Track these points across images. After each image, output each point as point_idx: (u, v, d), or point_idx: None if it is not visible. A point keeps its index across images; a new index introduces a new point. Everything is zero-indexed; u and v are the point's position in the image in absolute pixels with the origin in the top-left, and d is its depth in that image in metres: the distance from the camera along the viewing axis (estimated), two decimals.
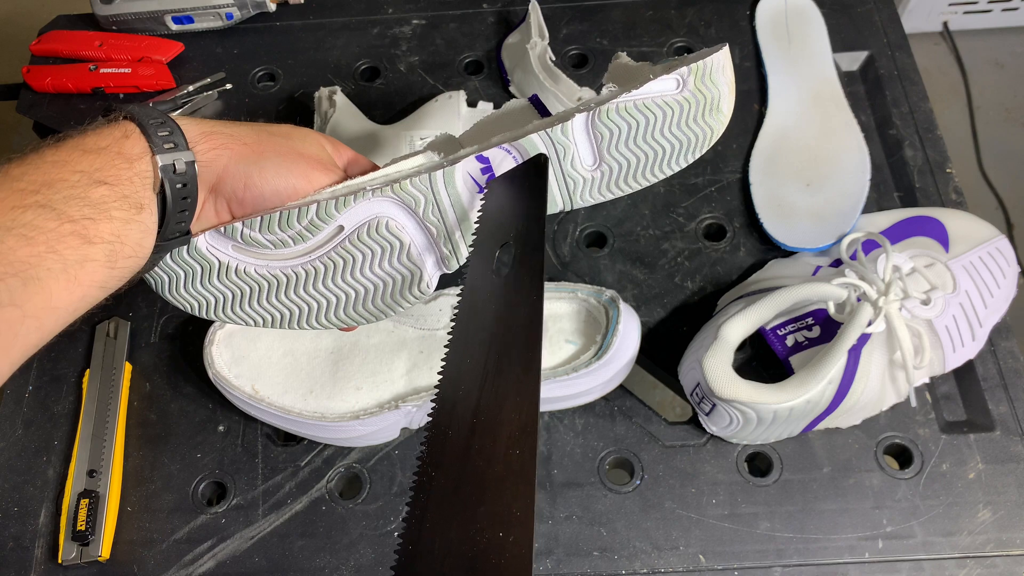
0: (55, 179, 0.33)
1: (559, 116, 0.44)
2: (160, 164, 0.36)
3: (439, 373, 0.36)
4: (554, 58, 0.66)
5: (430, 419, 0.33)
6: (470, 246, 0.42)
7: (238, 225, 0.42)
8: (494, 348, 0.34)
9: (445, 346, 0.36)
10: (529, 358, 0.33)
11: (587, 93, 0.62)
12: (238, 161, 0.40)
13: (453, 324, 0.37)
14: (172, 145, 0.37)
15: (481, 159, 0.43)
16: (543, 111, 0.50)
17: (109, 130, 0.36)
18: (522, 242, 0.38)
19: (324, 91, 0.65)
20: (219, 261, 0.43)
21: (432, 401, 0.34)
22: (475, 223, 0.42)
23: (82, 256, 0.33)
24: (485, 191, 0.43)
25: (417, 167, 0.44)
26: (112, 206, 0.34)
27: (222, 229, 0.42)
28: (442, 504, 0.30)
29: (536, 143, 0.43)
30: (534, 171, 0.41)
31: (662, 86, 0.43)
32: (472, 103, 0.64)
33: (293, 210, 0.42)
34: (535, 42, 0.67)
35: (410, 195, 0.42)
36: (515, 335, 0.34)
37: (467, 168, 0.43)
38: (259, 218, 0.42)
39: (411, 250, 0.43)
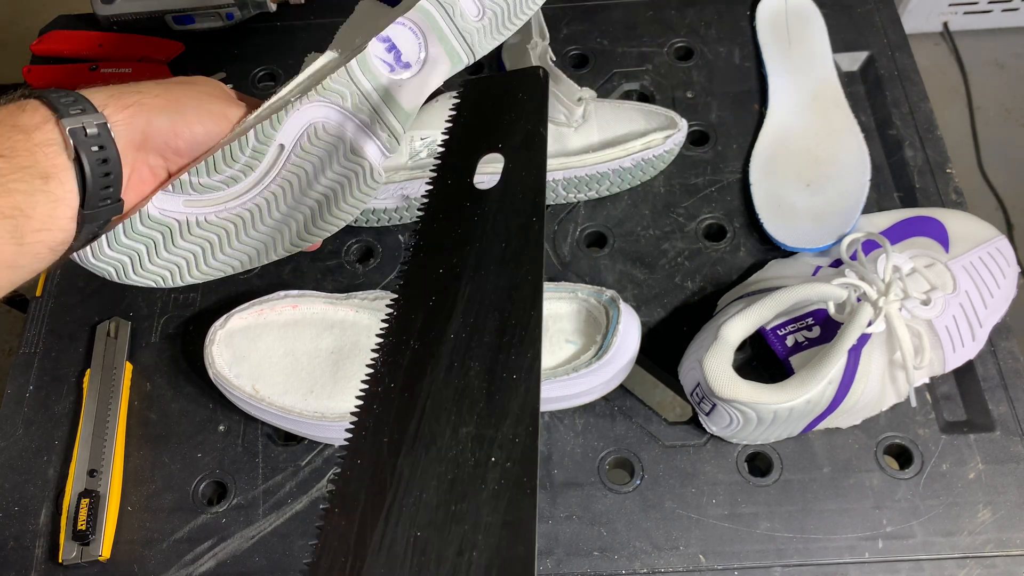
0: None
1: None
2: (68, 128, 0.34)
3: (399, 284, 0.32)
4: (554, 58, 0.66)
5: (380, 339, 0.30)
6: (438, 151, 0.38)
7: (185, 177, 0.42)
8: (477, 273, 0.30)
9: (403, 263, 0.33)
10: (531, 268, 0.29)
11: (587, 93, 0.63)
12: (159, 114, 0.39)
13: (414, 240, 0.33)
14: (79, 110, 0.35)
15: (382, 39, 0.45)
16: None
17: (7, 107, 0.35)
18: (516, 154, 0.33)
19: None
20: (176, 221, 0.43)
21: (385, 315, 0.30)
22: (446, 127, 0.38)
23: None
24: (461, 91, 0.41)
25: (327, 66, 0.47)
26: (9, 179, 0.32)
27: (170, 187, 0.42)
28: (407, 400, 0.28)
29: (427, 8, 0.45)
30: (531, 81, 0.37)
31: None
32: None
33: (233, 143, 0.42)
34: (535, 42, 0.67)
35: (334, 92, 0.44)
36: (513, 260, 0.30)
37: (375, 52, 0.45)
38: (202, 163, 0.42)
39: (352, 145, 0.45)
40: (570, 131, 0.62)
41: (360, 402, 0.28)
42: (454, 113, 0.39)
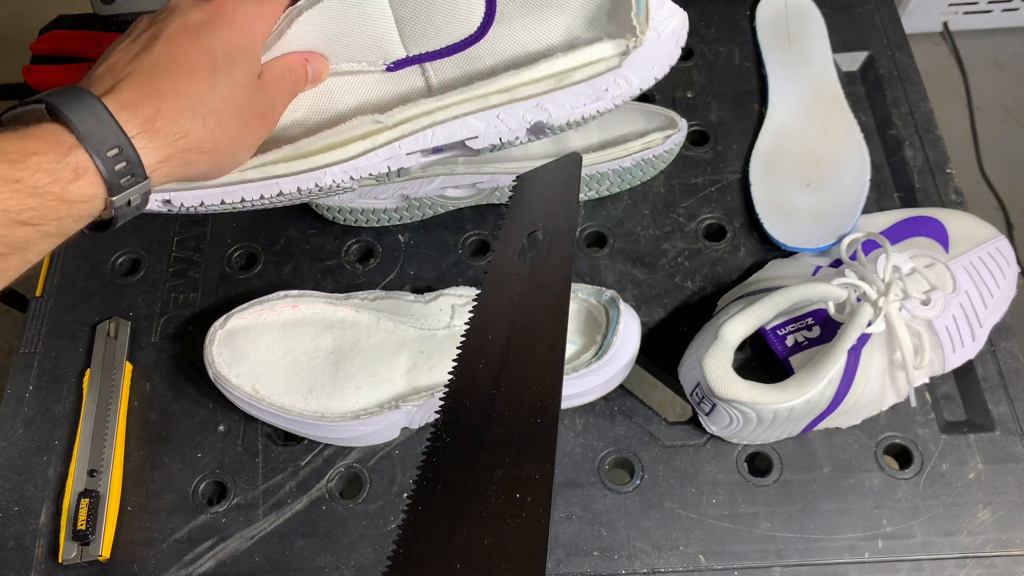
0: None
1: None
2: (115, 207, 0.33)
3: (458, 348, 0.35)
4: None
5: (446, 389, 0.33)
6: (495, 232, 0.42)
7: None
8: (518, 325, 0.35)
9: (466, 322, 0.36)
10: (555, 335, 0.34)
11: None
12: (198, 164, 0.37)
13: (475, 303, 0.37)
14: (130, 179, 0.33)
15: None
16: None
17: (53, 157, 0.31)
18: (552, 231, 0.38)
19: None
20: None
21: (449, 374, 0.34)
22: (503, 212, 0.41)
23: None
24: (516, 183, 0.42)
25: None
26: (32, 244, 0.31)
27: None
28: (457, 467, 0.31)
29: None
30: (568, 167, 0.42)
31: None
32: None
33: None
34: None
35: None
36: (541, 315, 0.35)
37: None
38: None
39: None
40: (570, 131, 0.62)
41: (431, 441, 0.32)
42: (509, 203, 0.41)
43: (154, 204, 0.44)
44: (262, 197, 0.46)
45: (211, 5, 0.38)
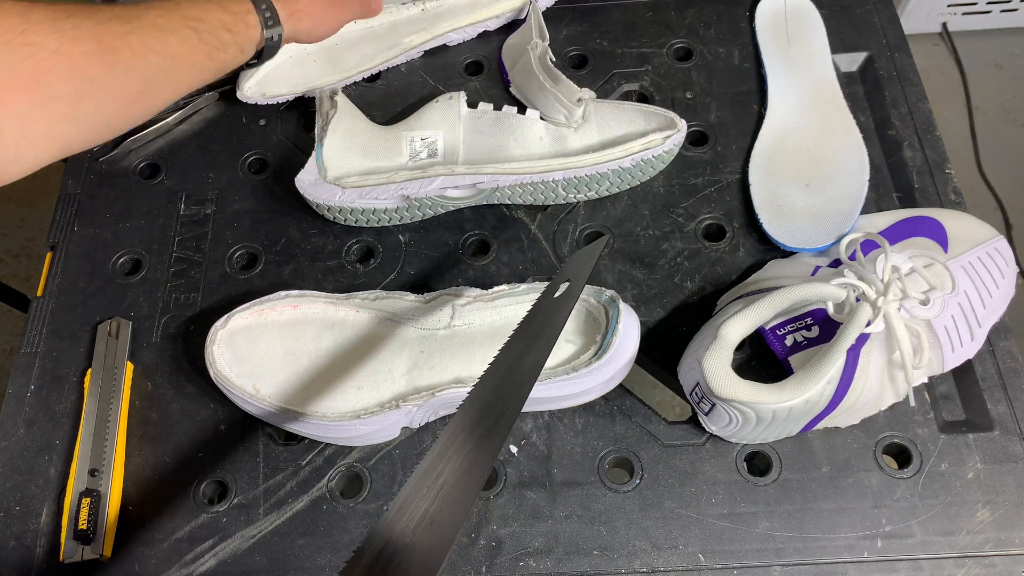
0: (204, 16, 0.53)
1: None
2: (265, 36, 0.57)
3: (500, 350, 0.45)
4: (554, 59, 0.66)
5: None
6: (548, 279, 0.56)
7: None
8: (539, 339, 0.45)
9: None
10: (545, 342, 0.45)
11: (587, 93, 0.63)
12: (302, 27, 0.60)
13: (521, 322, 0.47)
14: (271, 23, 0.57)
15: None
16: None
17: (243, 7, 0.55)
18: (573, 280, 0.49)
19: (326, 91, 0.66)
20: None
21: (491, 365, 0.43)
22: (557, 271, 0.56)
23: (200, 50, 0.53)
24: (568, 259, 0.55)
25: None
26: (229, 45, 0.54)
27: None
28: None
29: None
30: (597, 245, 0.54)
31: None
32: (472, 104, 0.64)
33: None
34: (535, 43, 0.67)
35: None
36: (545, 329, 0.46)
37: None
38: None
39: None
40: (570, 132, 0.62)
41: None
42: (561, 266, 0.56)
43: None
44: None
45: None
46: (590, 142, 0.62)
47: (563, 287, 0.49)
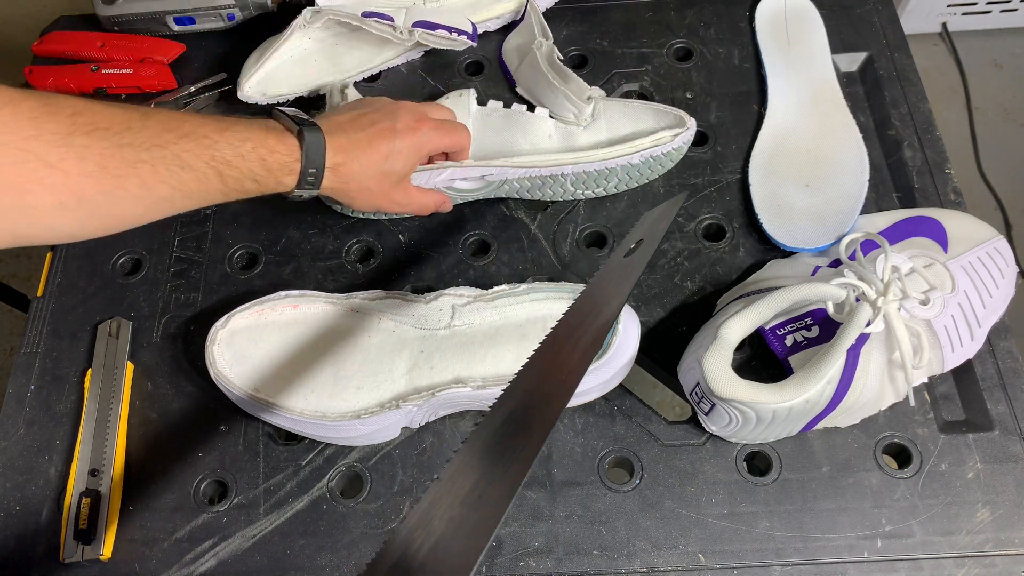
0: (237, 164, 0.48)
1: None
2: (295, 194, 0.52)
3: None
4: (561, 56, 0.66)
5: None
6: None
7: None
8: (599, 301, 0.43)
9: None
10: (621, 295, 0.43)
11: (597, 92, 0.63)
12: (341, 197, 0.55)
13: (586, 287, 0.45)
14: (309, 186, 0.51)
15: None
16: None
17: (287, 157, 0.50)
18: (646, 241, 0.49)
19: (336, 84, 0.66)
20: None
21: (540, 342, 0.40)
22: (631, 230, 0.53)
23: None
24: (641, 217, 0.54)
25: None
26: (250, 191, 0.50)
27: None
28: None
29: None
30: (674, 202, 0.54)
31: None
32: (482, 101, 0.64)
33: None
34: (540, 42, 0.67)
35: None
36: (616, 292, 0.44)
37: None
38: None
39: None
40: (579, 129, 0.62)
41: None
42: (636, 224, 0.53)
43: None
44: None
45: (415, 123, 0.55)
46: (599, 139, 0.62)
47: (635, 247, 0.46)
